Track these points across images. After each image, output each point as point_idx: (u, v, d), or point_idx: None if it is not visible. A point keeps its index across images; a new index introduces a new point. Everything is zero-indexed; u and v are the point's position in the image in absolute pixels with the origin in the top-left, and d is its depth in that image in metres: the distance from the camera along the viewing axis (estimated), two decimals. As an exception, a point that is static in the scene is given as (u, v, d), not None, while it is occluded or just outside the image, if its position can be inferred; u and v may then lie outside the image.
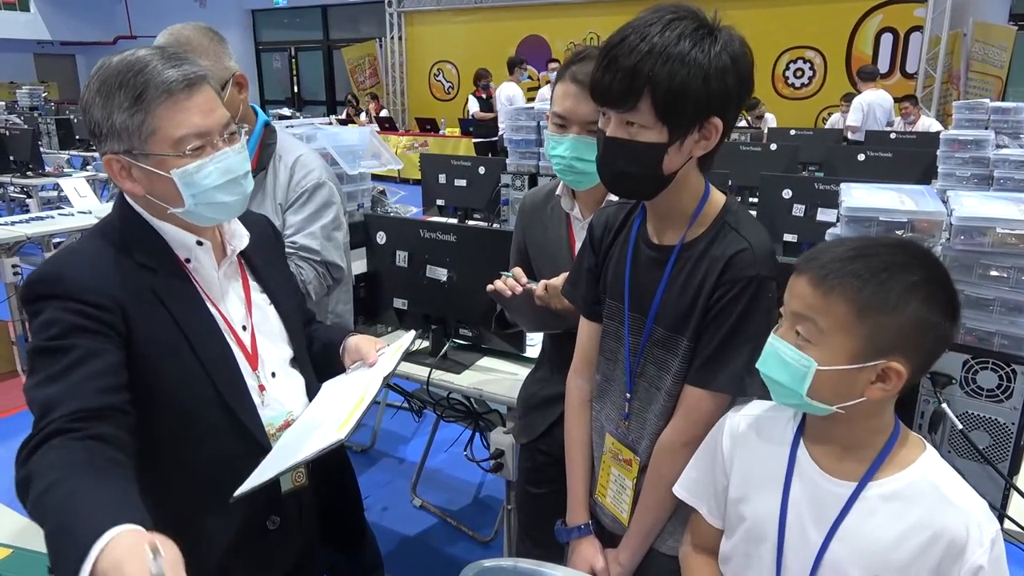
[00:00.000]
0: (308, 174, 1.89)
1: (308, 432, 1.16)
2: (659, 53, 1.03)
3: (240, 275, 1.27)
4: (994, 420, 1.28)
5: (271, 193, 1.87)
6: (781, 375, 0.97)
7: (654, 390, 1.24)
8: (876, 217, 1.33)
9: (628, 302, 1.25)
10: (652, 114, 1.06)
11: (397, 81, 13.61)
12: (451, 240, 2.03)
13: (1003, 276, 1.28)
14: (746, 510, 1.08)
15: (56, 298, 1.05)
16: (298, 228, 1.88)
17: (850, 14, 9.62)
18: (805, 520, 1.01)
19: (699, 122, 1.08)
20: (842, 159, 4.89)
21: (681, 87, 1.03)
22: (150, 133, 1.07)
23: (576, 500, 1.39)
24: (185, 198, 1.11)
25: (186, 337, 1.13)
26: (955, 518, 0.92)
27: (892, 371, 0.92)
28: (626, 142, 1.10)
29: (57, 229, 4.25)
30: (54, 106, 11.21)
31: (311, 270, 1.87)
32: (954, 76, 8.98)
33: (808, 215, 3.23)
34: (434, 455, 3.18)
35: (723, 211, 1.19)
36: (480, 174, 3.99)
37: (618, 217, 1.31)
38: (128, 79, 1.07)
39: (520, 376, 1.90)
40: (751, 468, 1.09)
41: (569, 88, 1.46)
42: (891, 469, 0.97)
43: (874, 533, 0.96)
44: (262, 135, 1.88)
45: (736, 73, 1.07)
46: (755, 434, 1.10)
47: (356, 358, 1.33)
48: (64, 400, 0.99)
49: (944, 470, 0.98)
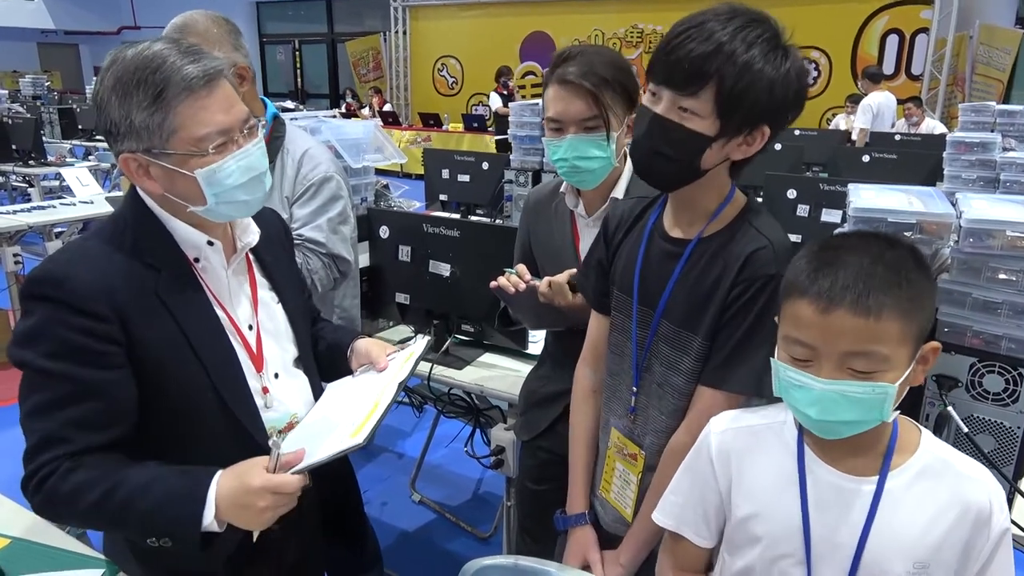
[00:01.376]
0: (316, 167, 1.89)
1: (318, 435, 1.14)
2: (735, 48, 1.02)
3: (248, 272, 1.25)
4: (1000, 424, 1.28)
5: (278, 186, 1.87)
6: (853, 414, 0.90)
7: (661, 386, 1.23)
8: (885, 218, 1.32)
9: (637, 295, 1.24)
10: (711, 105, 1.05)
11: (401, 76, 13.60)
12: (454, 235, 2.02)
13: (1011, 279, 1.27)
14: (759, 528, 1.04)
15: (55, 302, 1.04)
16: (305, 221, 1.89)
17: (856, 15, 9.60)
18: (832, 525, 0.99)
19: (751, 126, 1.08)
20: (846, 160, 4.88)
21: (748, 87, 1.03)
22: (171, 132, 1.05)
23: (576, 489, 1.39)
24: (208, 197, 1.09)
25: (189, 342, 1.11)
26: (976, 490, 0.94)
27: (930, 351, 0.94)
28: (675, 125, 1.07)
29: (59, 219, 4.24)
30: (57, 95, 11.18)
31: (318, 261, 1.88)
32: (959, 78, 8.96)
33: (812, 216, 3.21)
34: (434, 451, 3.18)
35: (744, 210, 1.18)
36: (483, 170, 3.98)
37: (635, 211, 1.30)
38: (147, 76, 1.03)
39: (522, 373, 1.89)
40: (756, 483, 1.05)
41: (558, 91, 1.46)
42: (903, 455, 0.97)
43: (907, 521, 0.95)
44: (271, 128, 1.88)
45: (796, 90, 1.08)
46: (752, 447, 1.06)
47: (365, 361, 1.31)
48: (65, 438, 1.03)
49: (945, 446, 1.00)
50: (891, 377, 0.89)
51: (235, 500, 1.02)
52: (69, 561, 1.25)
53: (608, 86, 1.43)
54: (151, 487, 1.04)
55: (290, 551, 1.30)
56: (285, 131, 1.92)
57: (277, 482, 1.01)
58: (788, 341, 0.93)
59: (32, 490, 1.05)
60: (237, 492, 1.02)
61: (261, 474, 1.02)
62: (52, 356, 1.03)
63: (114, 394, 1.06)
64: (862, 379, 0.88)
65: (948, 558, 0.95)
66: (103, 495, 1.02)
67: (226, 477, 1.05)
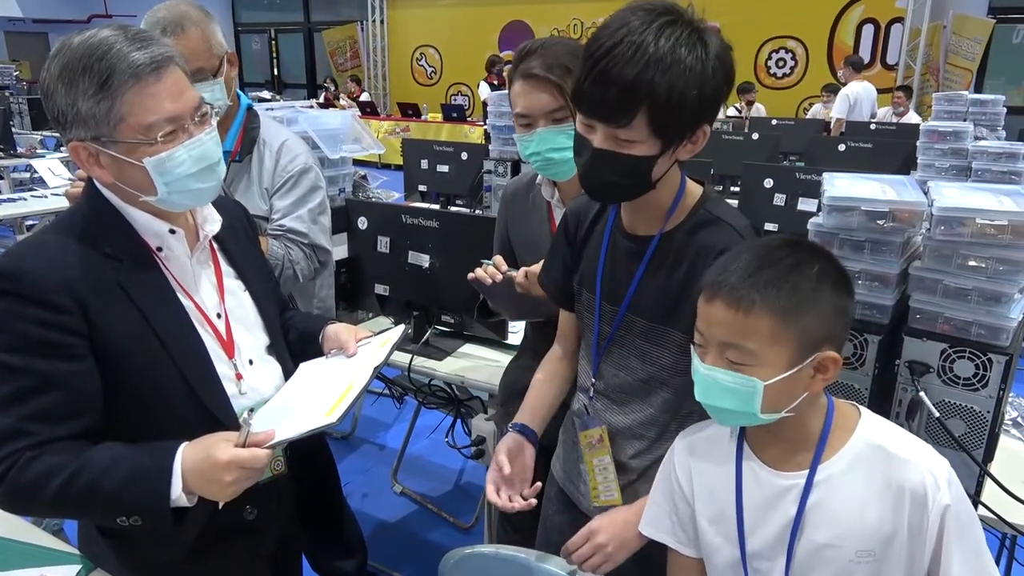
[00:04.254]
0: (295, 159, 1.91)
1: (290, 412, 1.14)
2: (656, 66, 0.98)
3: (212, 260, 1.24)
4: (970, 408, 1.30)
5: (256, 179, 1.87)
6: (727, 402, 0.97)
7: (639, 381, 1.24)
8: (858, 207, 1.33)
9: (600, 292, 1.25)
10: (647, 129, 1.02)
11: (379, 65, 13.47)
12: (434, 226, 2.01)
13: (981, 266, 1.29)
14: (712, 532, 1.09)
15: (12, 296, 1.02)
16: (286, 212, 1.90)
17: (832, 4, 9.67)
18: (767, 523, 1.02)
19: (691, 130, 1.07)
20: (823, 149, 4.93)
21: (680, 101, 1.00)
22: (118, 120, 1.03)
23: (526, 410, 1.37)
24: (158, 186, 1.08)
25: (154, 330, 1.10)
26: (909, 472, 0.95)
27: (828, 360, 0.95)
28: (617, 155, 1.05)
29: (29, 211, 4.17)
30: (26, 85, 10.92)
31: (299, 251, 1.89)
32: (933, 68, 9.07)
33: (789, 204, 3.25)
34: (415, 442, 3.18)
35: (701, 200, 1.19)
36: (463, 160, 3.96)
37: (592, 207, 1.31)
38: (92, 63, 1.01)
39: (502, 363, 1.90)
40: (706, 488, 1.10)
41: (523, 86, 1.47)
42: (836, 444, 1.00)
43: (841, 510, 0.97)
44: (245, 119, 1.88)
45: (724, 74, 1.05)
46: (706, 453, 1.11)
47: (335, 346, 1.31)
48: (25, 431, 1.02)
49: (883, 428, 1.01)
50: (761, 373, 0.93)
51: (201, 473, 1.02)
52: (44, 557, 1.24)
53: (571, 75, 1.43)
54: (115, 466, 1.02)
55: (269, 538, 1.30)
56: (259, 122, 1.92)
57: (245, 456, 1.00)
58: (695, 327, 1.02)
59: None
60: (203, 465, 1.01)
61: (228, 448, 1.01)
62: (11, 350, 1.02)
63: (77, 386, 1.05)
64: (734, 369, 0.95)
65: (896, 545, 0.95)
66: (67, 479, 1.01)
67: (191, 449, 1.04)
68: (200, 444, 1.04)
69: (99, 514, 1.10)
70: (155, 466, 1.03)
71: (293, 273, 1.86)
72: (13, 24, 16.35)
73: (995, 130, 4.39)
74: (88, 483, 1.01)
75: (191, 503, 1.03)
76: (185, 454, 1.03)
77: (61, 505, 1.04)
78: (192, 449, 1.04)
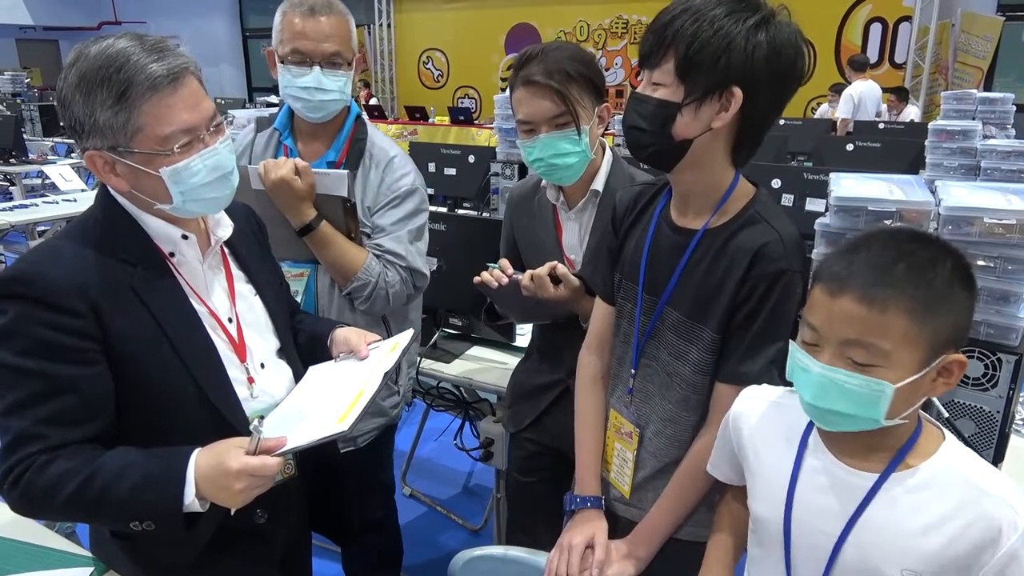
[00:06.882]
0: (402, 177, 1.77)
1: (301, 418, 1.14)
2: (690, 14, 1.06)
3: (224, 265, 1.25)
4: (979, 408, 1.30)
5: (360, 196, 1.73)
6: (846, 406, 0.88)
7: (664, 374, 1.24)
8: (865, 207, 1.33)
9: (643, 283, 1.25)
10: (673, 72, 1.08)
11: (386, 69, 13.50)
12: (441, 229, 2.02)
13: (990, 266, 1.28)
14: (754, 490, 1.06)
15: (26, 300, 1.03)
16: (387, 232, 1.74)
17: (839, 4, 9.62)
18: (817, 512, 0.98)
19: (718, 90, 1.07)
20: (830, 149, 4.90)
21: (702, 46, 1.05)
22: (136, 131, 1.04)
23: (585, 471, 1.34)
24: (173, 195, 1.09)
25: (166, 334, 1.11)
26: (989, 506, 0.89)
27: (955, 363, 0.89)
28: (645, 98, 1.12)
29: (41, 217, 4.20)
30: (37, 92, 11.05)
31: (396, 275, 1.72)
32: (942, 66, 9.02)
33: (797, 205, 3.23)
34: (424, 444, 3.18)
35: (752, 200, 1.18)
36: (470, 163, 3.97)
37: (643, 198, 1.31)
38: (110, 75, 1.02)
39: (510, 365, 1.90)
40: (758, 453, 1.06)
41: (524, 92, 1.47)
42: (914, 460, 0.94)
43: (900, 525, 0.92)
44: (353, 129, 1.76)
45: (770, 55, 1.06)
46: (765, 418, 1.07)
47: (344, 350, 1.32)
48: (39, 435, 1.02)
49: (969, 456, 0.94)
50: (891, 376, 0.86)
51: (213, 480, 1.02)
52: (57, 559, 1.26)
53: (572, 81, 1.44)
54: (129, 471, 1.03)
55: (278, 540, 1.31)
56: (367, 132, 1.79)
57: (256, 465, 1.01)
58: (803, 323, 0.94)
59: (8, 487, 1.04)
60: (215, 473, 1.02)
61: (239, 456, 1.01)
62: (25, 353, 1.02)
63: (90, 389, 1.06)
64: (859, 371, 0.87)
65: (946, 573, 0.90)
66: (81, 484, 1.02)
67: (204, 456, 1.05)
68: (212, 451, 1.05)
69: (112, 518, 1.10)
70: (169, 472, 1.03)
71: (385, 295, 1.70)
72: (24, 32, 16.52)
73: (1004, 128, 4.36)
74: (101, 488, 1.02)
75: (203, 508, 1.04)
76: (198, 460, 1.04)
77: (74, 509, 1.05)
78: (205, 456, 1.05)
